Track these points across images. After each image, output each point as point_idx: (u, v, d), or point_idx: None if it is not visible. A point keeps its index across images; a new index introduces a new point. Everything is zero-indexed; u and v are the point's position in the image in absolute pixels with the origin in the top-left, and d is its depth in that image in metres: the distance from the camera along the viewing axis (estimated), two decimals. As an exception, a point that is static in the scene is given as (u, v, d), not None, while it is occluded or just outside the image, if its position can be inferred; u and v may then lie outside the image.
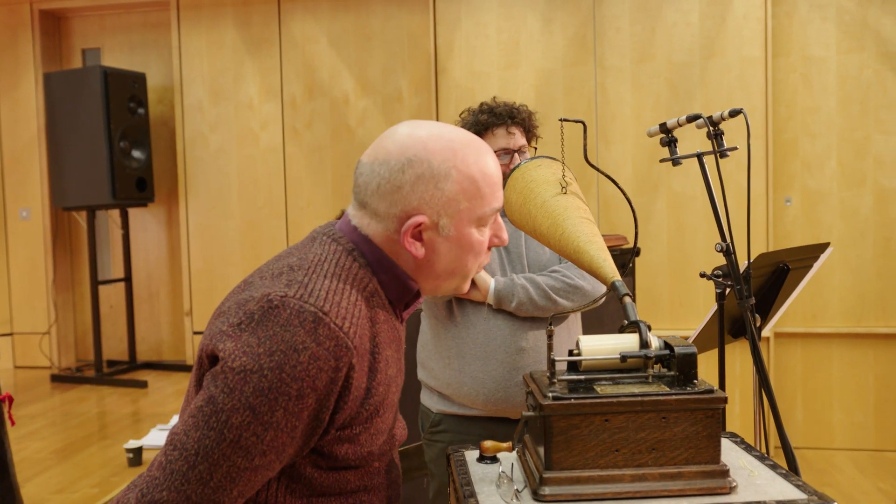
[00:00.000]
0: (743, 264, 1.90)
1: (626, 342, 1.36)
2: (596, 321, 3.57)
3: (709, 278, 1.89)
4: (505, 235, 1.35)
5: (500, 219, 1.35)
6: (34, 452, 4.03)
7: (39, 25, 5.78)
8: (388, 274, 1.28)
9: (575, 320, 2.40)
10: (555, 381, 1.33)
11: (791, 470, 1.77)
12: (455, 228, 1.26)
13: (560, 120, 1.83)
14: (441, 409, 2.32)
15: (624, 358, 1.32)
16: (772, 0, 4.71)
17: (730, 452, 1.48)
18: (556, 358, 1.34)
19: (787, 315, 4.83)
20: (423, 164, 1.23)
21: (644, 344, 1.33)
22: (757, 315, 2.19)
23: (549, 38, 5.01)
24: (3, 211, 5.91)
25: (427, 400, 2.39)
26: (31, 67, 5.79)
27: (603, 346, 1.35)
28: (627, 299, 1.41)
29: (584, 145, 1.78)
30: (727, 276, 1.86)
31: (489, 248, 1.34)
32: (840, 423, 4.82)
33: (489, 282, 2.20)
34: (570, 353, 1.39)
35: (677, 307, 4.85)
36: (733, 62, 4.77)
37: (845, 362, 4.81)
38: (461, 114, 2.45)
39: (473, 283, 2.21)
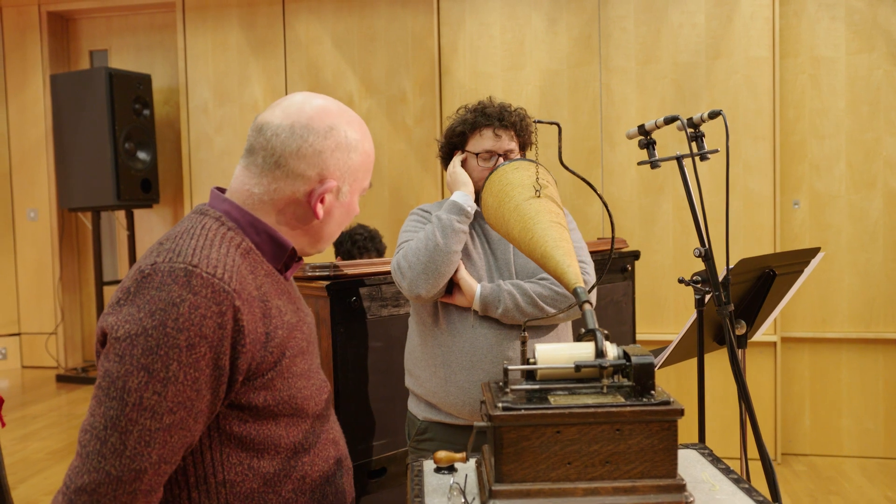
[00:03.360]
0: (722, 271, 1.85)
1: (583, 351, 1.31)
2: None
3: (687, 284, 1.84)
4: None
5: None
6: (32, 453, 4.04)
7: (47, 27, 5.81)
8: (260, 235, 1.33)
9: (565, 329, 2.34)
10: (507, 390, 1.30)
11: (769, 482, 1.72)
12: (349, 196, 1.39)
13: (534, 122, 1.79)
14: (428, 416, 2.29)
15: (578, 367, 1.28)
16: (779, 0, 4.64)
17: (695, 465, 1.43)
18: (509, 367, 1.30)
19: (795, 320, 4.76)
20: (341, 134, 1.34)
21: (599, 353, 1.29)
22: (742, 321, 2.14)
23: (553, 38, 4.96)
24: (11, 211, 5.95)
25: (414, 407, 2.36)
26: (39, 69, 5.83)
27: (558, 355, 1.31)
28: (587, 306, 1.37)
29: (559, 147, 1.73)
30: (706, 281, 1.81)
31: None
32: (849, 430, 4.73)
33: (475, 287, 2.15)
34: (527, 361, 1.35)
35: (682, 310, 4.78)
36: (740, 63, 4.70)
37: (854, 368, 4.72)
38: (458, 110, 2.40)
39: (459, 287, 2.18)
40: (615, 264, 3.63)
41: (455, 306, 2.21)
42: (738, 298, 2.11)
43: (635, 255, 3.72)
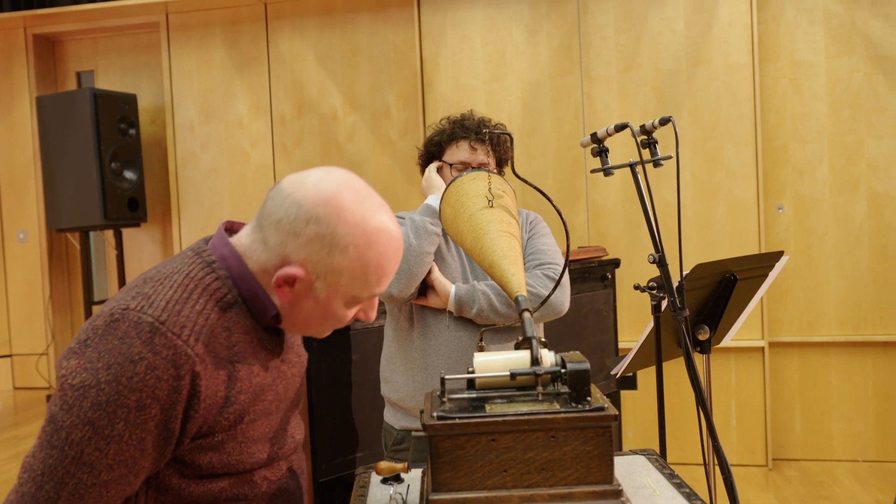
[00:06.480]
0: (677, 278, 1.85)
1: (519, 359, 1.32)
2: (574, 334, 3.52)
3: (642, 290, 1.85)
4: (373, 314, 1.37)
5: (374, 298, 1.36)
6: (15, 475, 4.04)
7: (34, 50, 5.84)
8: (249, 292, 1.27)
9: (537, 330, 2.34)
10: (444, 399, 1.30)
11: (727, 487, 1.71)
12: (326, 295, 1.27)
13: (486, 131, 1.80)
14: (405, 426, 2.28)
15: (513, 375, 1.28)
16: (757, 6, 4.66)
17: (640, 470, 1.43)
18: (446, 376, 1.30)
19: (783, 325, 4.75)
20: (328, 228, 1.22)
21: (535, 361, 1.30)
22: (705, 327, 2.14)
23: (534, 49, 4.98)
24: (1, 233, 5.97)
25: (390, 417, 2.36)
26: (26, 91, 5.85)
27: (495, 364, 1.32)
28: (526, 315, 1.37)
29: (511, 157, 1.74)
30: (661, 287, 1.81)
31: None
32: (840, 434, 4.71)
33: (449, 288, 2.17)
34: (468, 370, 1.35)
35: (669, 318, 4.77)
36: (720, 69, 4.71)
37: (843, 371, 4.71)
38: (440, 120, 2.42)
39: (433, 288, 2.19)
40: (595, 273, 3.64)
41: (430, 309, 2.22)
42: (700, 304, 2.12)
43: (615, 263, 3.73)
